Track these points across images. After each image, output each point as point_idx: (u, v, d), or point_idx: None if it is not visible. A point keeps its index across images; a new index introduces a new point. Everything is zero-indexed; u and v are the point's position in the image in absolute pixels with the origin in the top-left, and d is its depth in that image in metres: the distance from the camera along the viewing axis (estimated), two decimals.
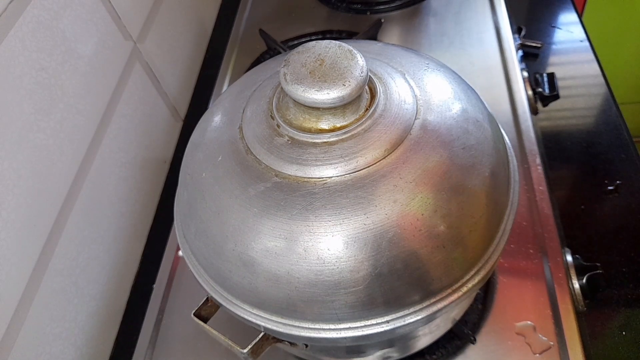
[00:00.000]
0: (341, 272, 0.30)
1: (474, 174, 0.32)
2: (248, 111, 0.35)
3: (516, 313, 0.44)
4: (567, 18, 0.70)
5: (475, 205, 0.32)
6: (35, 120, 0.42)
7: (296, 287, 0.30)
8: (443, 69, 0.38)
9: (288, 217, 0.30)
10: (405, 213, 0.29)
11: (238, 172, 0.32)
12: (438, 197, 0.30)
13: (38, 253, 0.42)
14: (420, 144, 0.31)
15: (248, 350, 0.33)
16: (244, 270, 0.32)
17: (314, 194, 0.30)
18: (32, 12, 0.43)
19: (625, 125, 0.57)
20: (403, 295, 0.31)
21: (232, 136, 0.34)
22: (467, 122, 0.33)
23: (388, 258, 0.29)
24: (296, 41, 0.75)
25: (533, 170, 0.53)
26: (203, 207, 0.34)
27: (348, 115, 0.32)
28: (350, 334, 0.31)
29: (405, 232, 0.29)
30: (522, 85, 0.61)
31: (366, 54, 0.34)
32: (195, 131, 0.39)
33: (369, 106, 0.33)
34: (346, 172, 0.30)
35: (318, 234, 0.30)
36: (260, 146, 0.33)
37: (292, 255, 0.30)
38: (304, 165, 0.31)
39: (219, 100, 0.40)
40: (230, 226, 0.32)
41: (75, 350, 0.47)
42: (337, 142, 0.31)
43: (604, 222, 0.50)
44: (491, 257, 0.33)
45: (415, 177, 0.30)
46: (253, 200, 0.31)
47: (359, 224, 0.29)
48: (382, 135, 0.31)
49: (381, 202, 0.29)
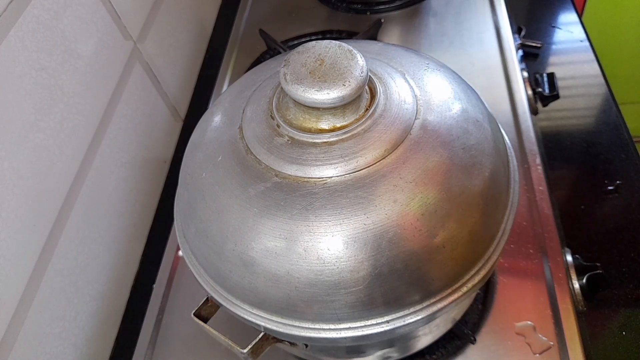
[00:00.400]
0: (341, 272, 0.30)
1: (474, 174, 0.32)
2: (248, 111, 0.35)
3: (516, 313, 0.44)
4: (567, 18, 0.70)
5: (475, 206, 0.32)
6: (35, 120, 0.42)
7: (296, 287, 0.30)
8: (443, 69, 0.38)
9: (288, 217, 0.30)
10: (405, 213, 0.29)
11: (238, 172, 0.32)
12: (438, 197, 0.30)
13: (38, 253, 0.42)
14: (420, 144, 0.31)
15: (248, 350, 0.33)
16: (244, 270, 0.32)
17: (314, 194, 0.30)
18: (32, 12, 0.43)
19: (625, 126, 0.57)
20: (403, 295, 0.31)
21: (232, 136, 0.34)
22: (467, 122, 0.33)
23: (388, 258, 0.29)
24: (296, 41, 0.75)
25: (533, 170, 0.53)
26: (203, 207, 0.34)
27: (348, 115, 0.32)
28: (350, 334, 0.31)
29: (405, 232, 0.29)
30: (522, 85, 0.61)
31: (366, 54, 0.34)
32: (195, 131, 0.39)
33: (369, 106, 0.33)
34: (346, 172, 0.30)
35: (318, 234, 0.30)
36: (260, 146, 0.33)
37: (292, 255, 0.30)
38: (304, 165, 0.31)
39: (219, 100, 0.40)
40: (230, 226, 0.32)
41: (75, 350, 0.47)
42: (337, 142, 0.31)
43: (604, 222, 0.50)
44: (491, 257, 0.33)
45: (415, 177, 0.30)
46: (253, 200, 0.31)
47: (359, 224, 0.29)
48: (382, 135, 0.31)
49: (381, 202, 0.29)
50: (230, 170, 0.33)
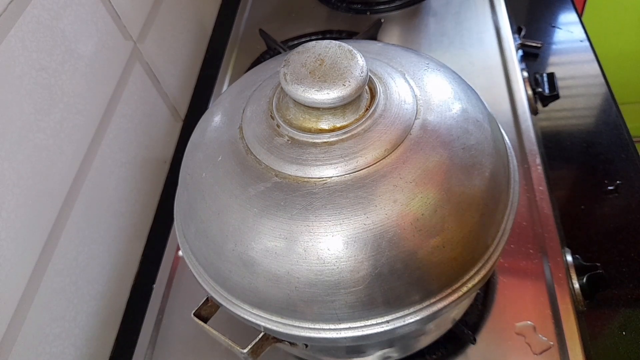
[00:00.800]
0: (341, 272, 0.30)
1: (474, 174, 0.32)
2: (248, 111, 0.35)
3: (516, 313, 0.44)
4: (567, 18, 0.70)
5: (475, 206, 0.32)
6: (35, 120, 0.42)
7: (296, 287, 0.30)
8: (443, 69, 0.38)
9: (288, 217, 0.30)
10: (406, 213, 0.29)
11: (238, 172, 0.32)
12: (438, 197, 0.30)
13: (38, 253, 0.42)
14: (420, 144, 0.31)
15: (248, 350, 0.33)
16: (244, 270, 0.32)
17: (314, 194, 0.30)
18: (32, 12, 0.43)
19: (625, 126, 0.57)
20: (403, 295, 0.31)
21: (232, 136, 0.34)
22: (467, 122, 0.33)
23: (388, 258, 0.29)
24: (296, 41, 0.75)
25: (533, 170, 0.53)
26: (203, 207, 0.34)
27: (348, 115, 0.32)
28: (350, 334, 0.31)
29: (405, 232, 0.29)
30: (522, 85, 0.61)
31: (366, 54, 0.34)
32: (195, 131, 0.39)
33: (369, 106, 0.33)
34: (346, 172, 0.30)
35: (318, 233, 0.30)
36: (260, 146, 0.33)
37: (292, 255, 0.30)
38: (304, 165, 0.31)
39: (219, 100, 0.40)
40: (230, 226, 0.32)
41: (75, 350, 0.47)
42: (337, 142, 0.31)
43: (604, 222, 0.50)
44: (491, 257, 0.33)
45: (415, 176, 0.30)
46: (253, 200, 0.31)
47: (359, 223, 0.29)
48: (382, 135, 0.31)
49: (381, 201, 0.29)
50: (230, 171, 0.33)
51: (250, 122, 0.34)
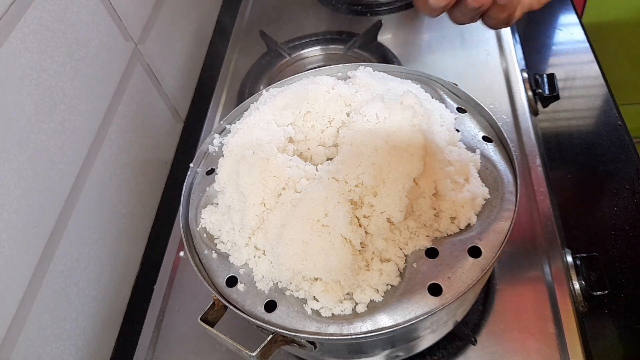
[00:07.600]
0: None
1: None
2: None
3: (516, 314, 0.44)
4: (567, 19, 0.70)
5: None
6: (37, 121, 0.42)
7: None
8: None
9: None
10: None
11: None
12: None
13: (39, 254, 0.42)
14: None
15: (257, 353, 0.33)
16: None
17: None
18: (34, 14, 0.43)
19: (625, 126, 0.57)
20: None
21: None
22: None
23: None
24: (297, 42, 0.75)
25: (533, 170, 0.53)
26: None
27: None
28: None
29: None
30: (522, 86, 0.61)
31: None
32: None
33: None
34: None
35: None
36: None
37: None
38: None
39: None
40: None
41: (76, 351, 0.47)
42: None
43: (604, 222, 0.50)
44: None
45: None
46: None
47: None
48: None
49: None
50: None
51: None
